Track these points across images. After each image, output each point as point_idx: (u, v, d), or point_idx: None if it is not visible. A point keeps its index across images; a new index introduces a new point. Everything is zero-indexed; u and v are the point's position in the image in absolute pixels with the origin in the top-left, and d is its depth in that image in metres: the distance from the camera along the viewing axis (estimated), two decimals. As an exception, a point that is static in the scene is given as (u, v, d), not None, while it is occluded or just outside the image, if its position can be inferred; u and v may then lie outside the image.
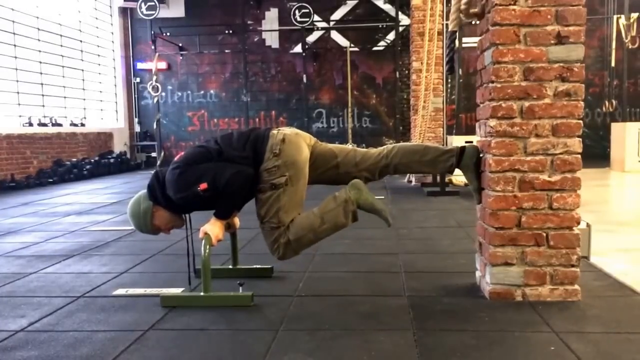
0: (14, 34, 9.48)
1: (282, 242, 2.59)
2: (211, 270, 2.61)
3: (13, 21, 9.46)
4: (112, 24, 13.06)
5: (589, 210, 4.88)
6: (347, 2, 12.73)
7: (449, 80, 11.59)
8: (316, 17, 12.52)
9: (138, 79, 13.29)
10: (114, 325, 2.34)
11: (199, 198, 2.51)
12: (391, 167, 2.74)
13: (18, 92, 9.60)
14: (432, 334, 2.15)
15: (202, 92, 13.18)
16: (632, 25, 10.42)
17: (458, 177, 7.08)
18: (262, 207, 2.60)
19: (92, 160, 10.87)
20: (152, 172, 2.85)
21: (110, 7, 13.00)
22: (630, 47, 10.66)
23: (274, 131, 2.66)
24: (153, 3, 12.00)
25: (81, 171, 10.18)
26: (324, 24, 12.82)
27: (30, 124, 9.62)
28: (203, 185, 2.47)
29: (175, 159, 2.66)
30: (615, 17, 10.94)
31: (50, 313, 2.51)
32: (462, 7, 2.73)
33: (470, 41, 11.36)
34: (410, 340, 2.10)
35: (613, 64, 11.25)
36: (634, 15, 10.48)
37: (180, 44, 12.92)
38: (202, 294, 2.59)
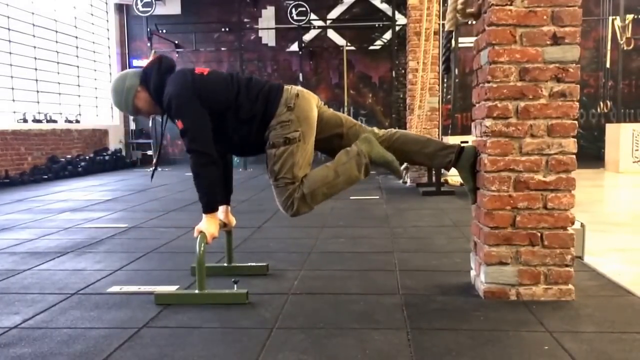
0: (8, 29, 9.42)
1: (297, 197, 2.58)
2: (206, 268, 2.60)
3: (8, 17, 9.41)
4: (107, 21, 13.00)
5: (583, 211, 4.90)
6: (344, 1, 12.72)
7: (445, 80, 11.61)
8: (313, 16, 12.51)
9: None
10: (108, 323, 2.33)
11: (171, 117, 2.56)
12: (390, 151, 2.73)
13: (12, 88, 9.55)
14: (426, 333, 2.16)
15: (198, 89, 13.13)
16: (627, 26, 10.46)
17: (453, 177, 7.09)
18: (275, 163, 2.58)
19: (87, 157, 10.84)
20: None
21: (106, 3, 12.95)
22: (625, 48, 10.70)
23: (287, 86, 2.66)
24: (149, 0, 11.96)
25: (76, 168, 10.14)
26: (320, 23, 12.81)
27: (25, 120, 9.57)
28: (180, 124, 2.51)
29: (200, 69, 2.65)
30: (610, 18, 10.98)
31: (44, 310, 2.50)
32: (459, 7, 2.74)
33: (466, 41, 11.39)
34: (404, 339, 2.10)
35: (608, 65, 11.29)
36: (629, 16, 10.52)
37: (177, 42, 12.88)
38: (196, 291, 2.58)
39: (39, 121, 9.92)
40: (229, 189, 2.95)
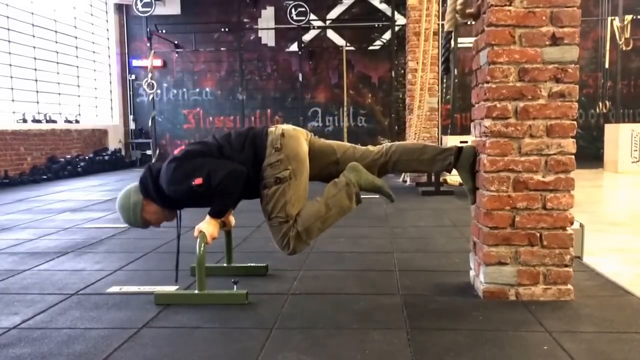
0: (8, 29, 9.42)
1: (292, 235, 2.59)
2: (205, 268, 2.61)
3: (7, 17, 9.41)
4: (107, 21, 13.00)
5: (582, 211, 4.90)
6: (344, 1, 12.72)
7: (445, 80, 11.61)
8: (312, 16, 12.51)
9: (133, 76, 13.24)
10: (108, 323, 2.33)
11: (192, 193, 2.50)
12: (390, 165, 2.75)
13: (12, 88, 9.54)
14: (425, 333, 2.16)
15: (197, 89, 13.14)
16: (626, 27, 10.47)
17: (453, 177, 7.10)
18: (268, 203, 2.60)
19: (87, 157, 10.83)
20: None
21: (106, 3, 12.94)
22: (624, 48, 10.69)
23: (272, 128, 2.67)
24: (149, 0, 11.96)
25: (75, 168, 10.14)
26: (320, 23, 12.80)
27: (25, 120, 9.56)
28: (198, 180, 2.47)
29: (175, 152, 2.66)
30: (609, 19, 10.98)
31: (43, 310, 2.50)
32: (458, 7, 2.74)
33: (465, 41, 11.39)
34: (403, 339, 2.11)
35: (607, 66, 11.29)
36: (628, 17, 10.52)
37: (176, 42, 12.88)
38: (196, 291, 2.59)
39: (39, 121, 9.92)
40: None
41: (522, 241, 2.49)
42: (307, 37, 12.86)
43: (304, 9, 12.17)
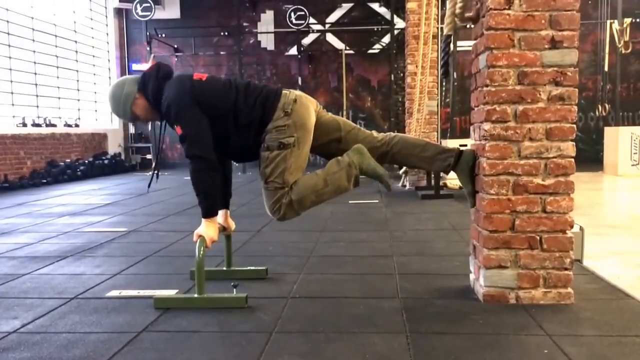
0: (8, 34, 9.44)
1: (285, 202, 2.58)
2: (205, 272, 2.60)
3: (7, 21, 9.43)
4: (107, 25, 13.02)
5: (582, 214, 4.91)
6: (343, 5, 12.75)
7: (444, 84, 11.63)
8: (312, 20, 12.54)
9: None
10: (107, 327, 2.33)
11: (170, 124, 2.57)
12: (389, 155, 2.75)
13: (12, 93, 9.56)
14: (425, 337, 2.16)
15: (197, 93, 13.14)
16: (625, 30, 10.49)
17: (452, 181, 7.10)
18: (267, 166, 2.59)
19: (86, 161, 10.83)
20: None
21: (106, 7, 12.97)
22: (623, 51, 10.72)
23: (286, 91, 2.66)
24: (148, 4, 11.99)
25: (75, 172, 10.14)
26: (319, 27, 12.83)
27: (24, 125, 9.57)
28: (178, 129, 2.52)
29: (198, 75, 2.66)
30: (608, 22, 11.01)
31: (43, 314, 2.50)
32: (457, 11, 2.75)
33: (465, 45, 11.41)
34: (403, 342, 2.10)
35: (606, 69, 11.32)
36: (627, 20, 10.55)
37: (176, 46, 12.90)
38: (196, 295, 2.58)
39: (38, 125, 9.93)
40: (228, 193, 2.96)
41: (522, 244, 2.49)
42: (306, 41, 12.88)
43: (303, 13, 12.20)
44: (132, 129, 13.33)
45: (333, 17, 12.83)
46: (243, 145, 2.64)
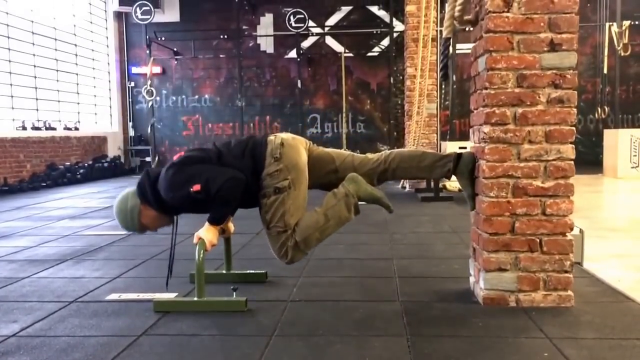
0: (8, 37, 9.44)
1: (290, 245, 2.59)
2: (205, 275, 2.60)
3: (7, 25, 9.43)
4: (107, 28, 13.03)
5: (582, 216, 4.90)
6: (342, 8, 12.77)
7: (443, 86, 11.63)
8: (311, 23, 12.55)
9: (132, 83, 13.26)
10: (107, 331, 2.32)
11: (190, 199, 2.50)
12: (389, 172, 2.76)
13: (12, 96, 9.56)
14: (425, 340, 2.15)
15: (196, 96, 13.16)
16: (624, 32, 10.50)
17: (452, 183, 7.10)
18: (267, 213, 2.60)
19: (86, 165, 10.83)
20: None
21: (105, 11, 12.98)
22: (622, 54, 10.73)
23: (271, 137, 2.67)
24: (148, 8, 12.00)
25: (75, 175, 10.14)
26: (318, 30, 12.84)
27: (24, 128, 9.57)
28: (196, 187, 2.47)
29: (174, 158, 2.66)
30: (607, 24, 11.02)
31: (42, 318, 2.50)
32: (456, 14, 2.75)
33: (464, 47, 11.42)
34: (403, 346, 2.10)
35: (605, 71, 11.33)
36: (626, 23, 10.56)
37: (175, 49, 12.90)
38: (195, 299, 2.58)
39: (38, 128, 9.93)
40: None
41: (522, 247, 2.49)
42: (305, 44, 12.89)
43: (302, 16, 12.21)
44: (131, 132, 13.33)
45: (332, 20, 12.85)
46: (243, 194, 2.60)
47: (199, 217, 2.64)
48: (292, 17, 12.26)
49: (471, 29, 2.76)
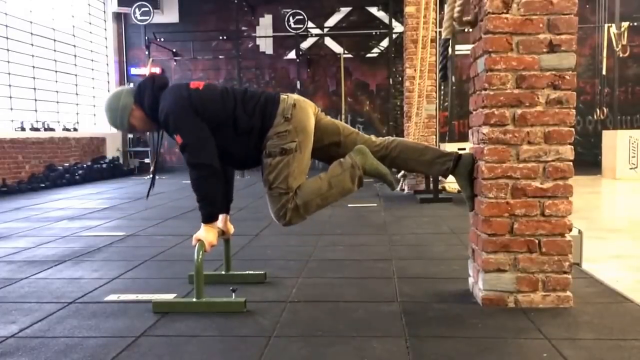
0: (7, 38, 9.44)
1: (290, 207, 2.58)
2: (204, 276, 2.60)
3: (6, 26, 9.43)
4: (105, 29, 13.04)
5: (581, 217, 4.91)
6: (341, 9, 12.78)
7: (442, 87, 11.64)
8: (310, 24, 12.56)
9: (132, 84, 13.26)
10: (106, 332, 2.32)
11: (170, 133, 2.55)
12: (388, 159, 2.75)
13: (10, 97, 9.56)
14: (424, 341, 2.15)
15: (195, 97, 13.15)
16: (623, 34, 10.53)
17: (451, 184, 7.10)
18: (270, 173, 2.58)
19: (85, 166, 10.82)
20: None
21: (104, 12, 12.99)
22: (621, 55, 10.75)
23: (284, 96, 2.66)
24: (147, 9, 12.01)
25: (73, 176, 10.13)
26: (318, 31, 12.86)
27: (23, 129, 9.57)
28: (179, 138, 2.51)
29: (195, 84, 2.64)
30: (606, 26, 11.04)
31: (41, 319, 2.49)
32: (456, 15, 2.75)
33: (463, 49, 11.43)
34: (402, 346, 2.10)
35: (604, 72, 11.35)
36: (625, 24, 10.59)
37: (174, 50, 12.91)
38: (194, 300, 2.58)
39: (37, 129, 9.93)
40: (229, 198, 2.95)
41: (521, 248, 2.49)
42: (305, 45, 12.91)
43: (301, 17, 12.23)
44: (130, 134, 13.32)
45: (332, 21, 12.86)
46: (244, 153, 2.64)
47: (198, 219, 2.63)
48: (291, 18, 12.27)
49: (470, 30, 2.76)
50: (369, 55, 12.88)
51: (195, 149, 2.51)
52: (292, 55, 12.89)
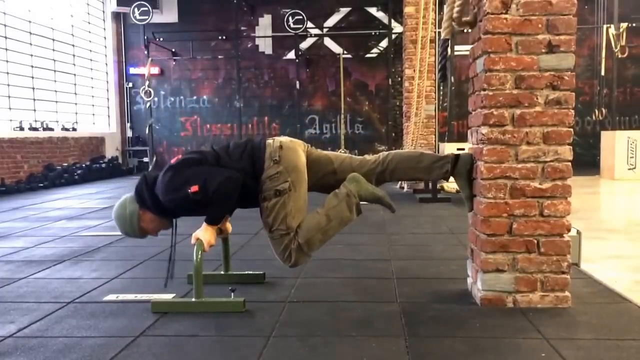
0: (5, 37, 9.43)
1: (294, 248, 2.59)
2: (203, 276, 2.60)
3: (5, 25, 9.42)
4: (104, 29, 13.03)
5: (579, 218, 4.91)
6: (341, 9, 12.78)
7: (441, 88, 11.65)
8: (309, 24, 12.55)
9: (130, 84, 13.25)
10: (104, 332, 2.32)
11: (188, 201, 2.50)
12: (387, 173, 2.76)
13: (9, 96, 9.54)
14: (423, 341, 2.16)
15: (194, 97, 13.16)
16: (621, 34, 10.54)
17: (450, 184, 7.11)
18: (269, 216, 2.60)
19: (84, 165, 10.81)
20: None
21: (103, 11, 12.97)
22: (619, 56, 10.77)
23: (269, 140, 2.67)
24: (146, 8, 11.99)
25: (72, 176, 10.12)
26: (317, 31, 12.85)
27: (21, 128, 9.56)
28: (194, 188, 2.47)
29: (171, 161, 2.66)
30: (605, 26, 11.05)
31: (39, 319, 2.49)
32: (455, 15, 2.76)
33: (462, 49, 11.43)
34: (402, 346, 2.10)
35: (603, 73, 11.36)
36: (624, 25, 10.60)
37: (174, 49, 12.90)
38: (193, 299, 2.58)
39: (36, 129, 9.91)
40: None
41: (520, 248, 2.49)
42: (304, 45, 12.90)
43: (301, 17, 12.22)
44: (129, 133, 13.32)
45: (331, 22, 12.86)
46: (241, 195, 2.60)
47: (198, 218, 2.63)
48: (290, 18, 12.26)
49: (469, 30, 2.77)
50: (368, 55, 12.88)
51: (211, 181, 2.47)
52: (291, 55, 12.88)
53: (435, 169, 2.72)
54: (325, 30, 12.87)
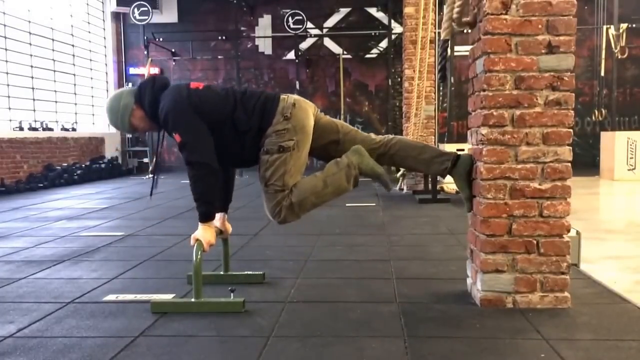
0: (5, 37, 9.43)
1: (285, 205, 2.60)
2: (202, 276, 2.60)
3: (4, 25, 9.42)
4: (104, 29, 13.03)
5: (579, 218, 4.92)
6: (341, 9, 12.79)
7: (441, 88, 11.65)
8: (309, 24, 12.56)
9: (130, 84, 13.24)
10: (104, 332, 2.32)
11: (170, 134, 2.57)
12: (387, 156, 2.76)
13: (9, 96, 9.54)
14: (423, 341, 2.16)
15: (194, 97, 13.14)
16: (621, 35, 10.55)
17: (449, 185, 7.11)
18: (267, 170, 2.60)
19: (83, 165, 10.81)
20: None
21: (103, 12, 12.98)
22: (619, 57, 10.78)
23: (284, 96, 2.68)
24: (146, 8, 12.00)
25: (72, 176, 10.12)
26: (317, 31, 12.86)
27: (21, 128, 9.56)
28: (177, 137, 2.52)
29: (195, 84, 2.68)
30: (605, 27, 11.07)
31: (39, 319, 2.49)
32: (455, 15, 2.76)
33: (462, 49, 11.45)
34: (401, 347, 2.10)
35: (603, 74, 11.37)
36: (623, 25, 10.61)
37: (173, 50, 12.91)
38: (193, 300, 2.58)
39: (35, 129, 9.91)
40: (228, 198, 2.95)
41: (519, 249, 2.49)
42: (304, 45, 12.91)
43: (301, 17, 12.23)
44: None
45: (331, 22, 12.87)
46: (242, 151, 2.65)
47: (196, 218, 2.63)
48: (290, 19, 12.27)
49: (469, 31, 2.77)
50: (368, 55, 12.89)
51: (194, 148, 2.52)
52: (291, 55, 12.89)
53: (435, 164, 2.72)
54: (325, 30, 12.88)
